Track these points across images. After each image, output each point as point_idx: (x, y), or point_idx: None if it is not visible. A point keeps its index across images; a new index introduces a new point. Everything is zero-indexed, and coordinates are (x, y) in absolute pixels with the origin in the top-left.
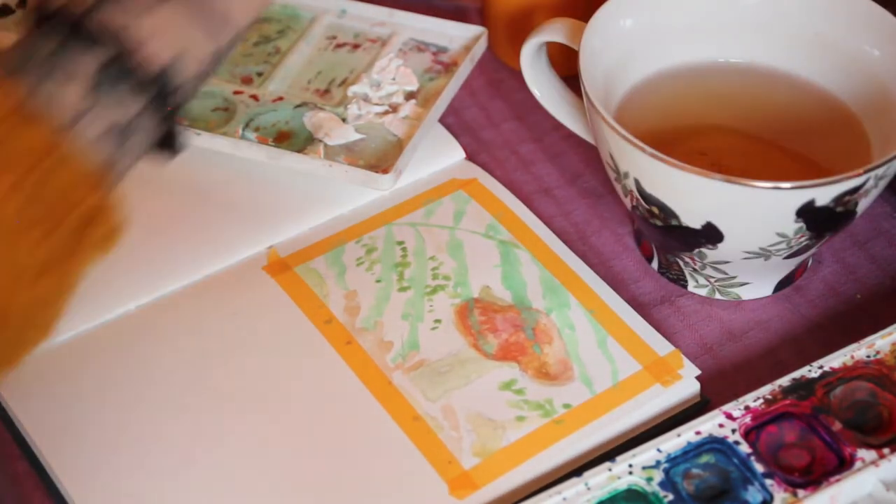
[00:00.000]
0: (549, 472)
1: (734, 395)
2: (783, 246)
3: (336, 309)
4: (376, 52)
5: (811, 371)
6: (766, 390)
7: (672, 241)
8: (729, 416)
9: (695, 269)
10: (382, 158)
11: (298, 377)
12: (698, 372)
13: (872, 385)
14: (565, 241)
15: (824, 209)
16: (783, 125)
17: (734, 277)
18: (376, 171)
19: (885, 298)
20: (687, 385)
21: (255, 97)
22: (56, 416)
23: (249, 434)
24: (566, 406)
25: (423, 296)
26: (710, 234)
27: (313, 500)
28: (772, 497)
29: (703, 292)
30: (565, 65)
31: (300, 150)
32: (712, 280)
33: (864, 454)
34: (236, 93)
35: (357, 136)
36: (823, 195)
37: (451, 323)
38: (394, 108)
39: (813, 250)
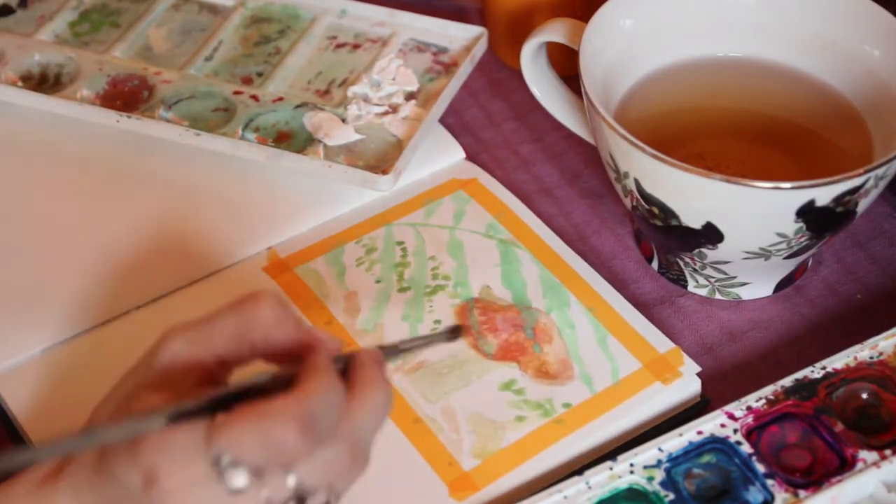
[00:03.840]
0: (550, 472)
1: (734, 396)
2: (783, 246)
3: (336, 310)
4: (376, 52)
5: (814, 372)
6: (768, 391)
7: (672, 241)
8: (731, 417)
9: (695, 269)
10: (382, 159)
11: None
12: (699, 369)
13: (875, 386)
14: (565, 242)
15: (824, 209)
16: (785, 122)
17: (734, 277)
18: (376, 172)
19: (885, 299)
20: (687, 382)
21: (255, 97)
22: (56, 416)
23: None
24: (566, 405)
25: (423, 296)
26: (710, 234)
27: None
28: (773, 497)
29: (703, 292)
30: (565, 65)
31: (300, 151)
32: (712, 280)
33: (866, 455)
34: (236, 93)
35: (357, 137)
36: (823, 195)
37: (451, 323)
38: (394, 109)
39: (813, 250)
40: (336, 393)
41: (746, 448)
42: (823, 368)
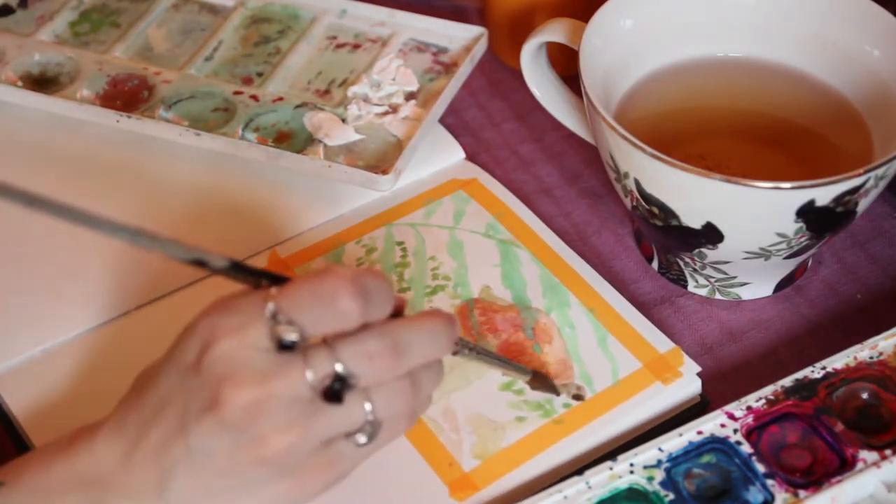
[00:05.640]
0: (550, 473)
1: (734, 396)
2: (783, 246)
3: None
4: (376, 52)
5: (814, 372)
6: (768, 391)
7: (672, 241)
8: (731, 416)
9: (695, 269)
10: (382, 159)
11: None
12: (699, 369)
13: (875, 386)
14: (565, 242)
15: (824, 209)
16: (785, 122)
17: (734, 277)
18: (376, 172)
19: (885, 299)
20: (687, 382)
21: (255, 97)
22: (56, 416)
23: None
24: (566, 406)
25: (423, 296)
26: (710, 234)
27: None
28: (773, 497)
29: (703, 292)
30: (565, 65)
31: (300, 151)
32: (712, 280)
33: (866, 455)
34: (236, 93)
35: (357, 137)
36: (823, 195)
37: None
38: (394, 109)
39: (813, 250)
40: (388, 282)
41: (746, 448)
42: (823, 368)
